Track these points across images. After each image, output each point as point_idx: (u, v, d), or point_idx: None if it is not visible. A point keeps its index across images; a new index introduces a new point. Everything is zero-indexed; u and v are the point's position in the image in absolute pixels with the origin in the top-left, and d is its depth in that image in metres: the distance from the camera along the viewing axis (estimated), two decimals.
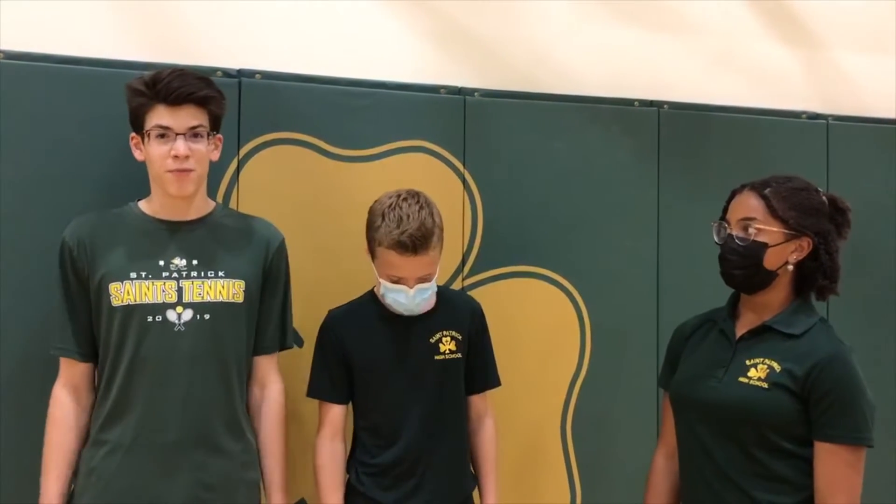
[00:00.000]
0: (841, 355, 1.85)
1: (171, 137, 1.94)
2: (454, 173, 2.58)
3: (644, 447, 2.69)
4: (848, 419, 1.80)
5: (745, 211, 1.92)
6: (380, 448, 2.16)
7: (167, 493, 1.95)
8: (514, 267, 2.65)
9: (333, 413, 2.18)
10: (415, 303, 2.11)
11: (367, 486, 2.16)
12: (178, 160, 1.94)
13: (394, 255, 2.06)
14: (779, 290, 1.93)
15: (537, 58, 2.79)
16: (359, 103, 2.48)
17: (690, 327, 2.09)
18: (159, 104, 1.94)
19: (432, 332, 2.20)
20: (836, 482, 1.80)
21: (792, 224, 1.89)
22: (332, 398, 2.18)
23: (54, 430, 1.99)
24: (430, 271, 2.12)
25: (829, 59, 3.17)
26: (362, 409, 2.20)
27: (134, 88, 1.97)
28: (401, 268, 2.08)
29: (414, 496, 2.15)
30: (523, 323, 2.64)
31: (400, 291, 2.09)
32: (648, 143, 2.80)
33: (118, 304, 1.96)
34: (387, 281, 2.11)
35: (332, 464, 2.16)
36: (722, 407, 1.89)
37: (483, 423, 2.28)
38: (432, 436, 2.16)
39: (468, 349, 2.24)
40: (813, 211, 1.91)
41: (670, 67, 2.94)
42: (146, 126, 1.95)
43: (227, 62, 2.37)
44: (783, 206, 1.89)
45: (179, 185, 1.96)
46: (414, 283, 2.09)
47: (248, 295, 2.05)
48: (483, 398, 2.30)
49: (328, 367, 2.17)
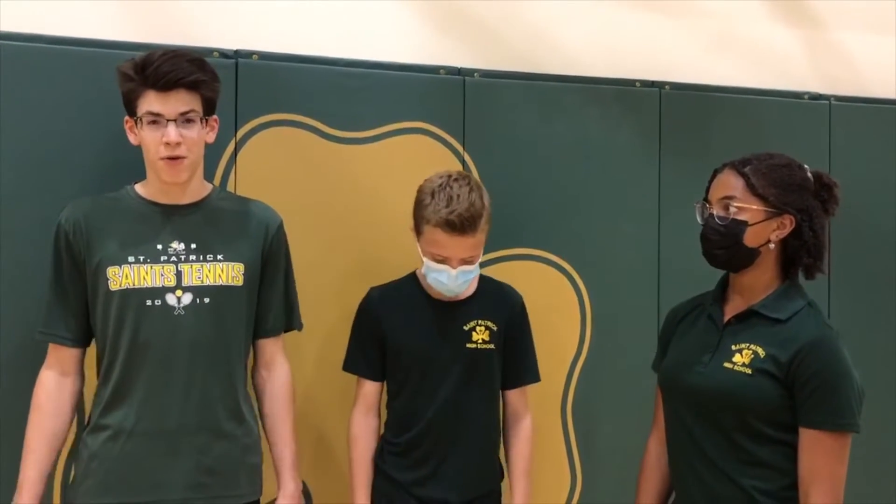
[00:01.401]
0: (826, 340, 1.82)
1: (163, 123, 1.91)
2: (453, 155, 2.56)
3: (645, 430, 2.68)
4: (831, 405, 1.78)
5: (725, 189, 1.90)
6: (403, 428, 2.18)
7: (169, 477, 1.95)
8: (514, 249, 2.64)
9: (367, 389, 2.21)
10: (457, 284, 2.11)
11: (388, 465, 2.18)
12: (169, 147, 1.91)
13: (441, 234, 2.07)
14: (764, 269, 1.91)
15: (538, 38, 2.76)
16: (357, 84, 2.46)
17: (681, 312, 2.08)
18: (149, 89, 1.91)
19: (467, 320, 2.19)
20: (819, 468, 1.78)
21: (772, 201, 1.86)
22: (366, 374, 2.20)
23: (36, 414, 1.98)
24: (475, 253, 2.12)
25: (832, 39, 3.15)
26: (392, 388, 2.21)
27: (124, 73, 1.94)
28: (446, 247, 2.08)
29: (430, 481, 2.15)
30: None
31: (443, 271, 2.09)
32: (649, 124, 2.78)
33: (116, 288, 1.94)
34: (431, 260, 2.10)
35: (364, 438, 2.19)
36: (705, 393, 1.87)
37: (519, 422, 2.27)
38: (454, 424, 2.16)
39: (504, 342, 2.23)
40: (795, 187, 1.88)
41: (672, 48, 2.92)
42: (138, 111, 1.93)
43: (224, 43, 2.35)
44: (763, 183, 1.86)
45: (172, 173, 1.95)
46: (458, 263, 2.09)
47: (248, 278, 2.03)
48: (521, 395, 2.28)
49: (363, 343, 2.20)
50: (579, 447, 2.71)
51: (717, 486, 1.86)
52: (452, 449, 2.16)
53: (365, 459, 2.19)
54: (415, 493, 2.15)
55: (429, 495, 2.15)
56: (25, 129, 2.14)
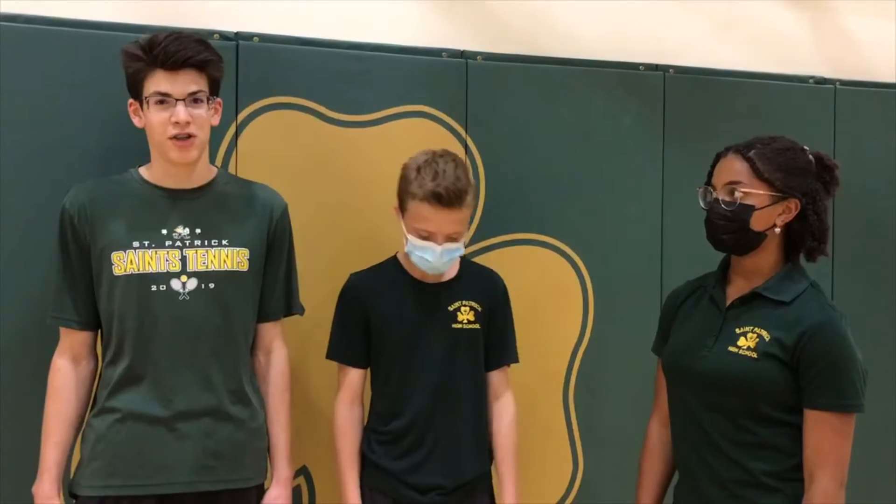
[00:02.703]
0: (831, 322, 1.83)
1: (171, 104, 1.90)
2: (456, 139, 2.54)
3: (646, 414, 2.69)
4: (836, 386, 1.79)
5: (730, 174, 1.89)
6: (391, 415, 2.16)
7: (176, 460, 1.95)
8: (516, 234, 2.63)
9: (352, 376, 2.18)
10: (442, 261, 2.09)
11: (378, 454, 2.16)
12: (178, 126, 1.90)
13: (427, 208, 2.06)
14: (768, 253, 1.90)
15: (541, 21, 2.74)
16: (359, 67, 2.44)
17: (683, 294, 2.07)
18: (157, 69, 1.90)
19: (452, 301, 2.19)
20: (824, 450, 1.79)
21: (778, 185, 1.86)
22: (350, 361, 2.18)
23: (53, 399, 1.98)
24: (460, 229, 2.11)
25: (837, 23, 3.13)
26: (377, 374, 2.20)
27: (130, 53, 1.93)
28: (432, 221, 2.07)
29: (423, 467, 2.14)
30: (526, 291, 2.61)
31: (427, 248, 2.08)
32: (653, 108, 2.76)
33: (120, 273, 1.94)
34: (415, 237, 2.09)
35: (352, 430, 2.17)
36: (711, 377, 1.87)
37: (500, 400, 2.25)
38: (444, 407, 2.15)
39: (488, 323, 2.22)
40: (799, 171, 1.88)
41: (676, 31, 2.90)
42: (145, 92, 1.91)
43: (225, 25, 2.33)
44: (768, 167, 1.86)
45: (182, 153, 1.93)
46: (443, 240, 2.08)
47: (253, 263, 2.03)
48: (501, 375, 2.27)
49: (347, 329, 2.18)
50: (581, 432, 2.71)
51: (721, 468, 1.86)
52: (443, 432, 2.15)
53: (353, 451, 2.16)
54: (408, 480, 2.13)
55: (423, 482, 2.13)
56: (24, 112, 2.13)
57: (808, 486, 1.80)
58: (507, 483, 2.22)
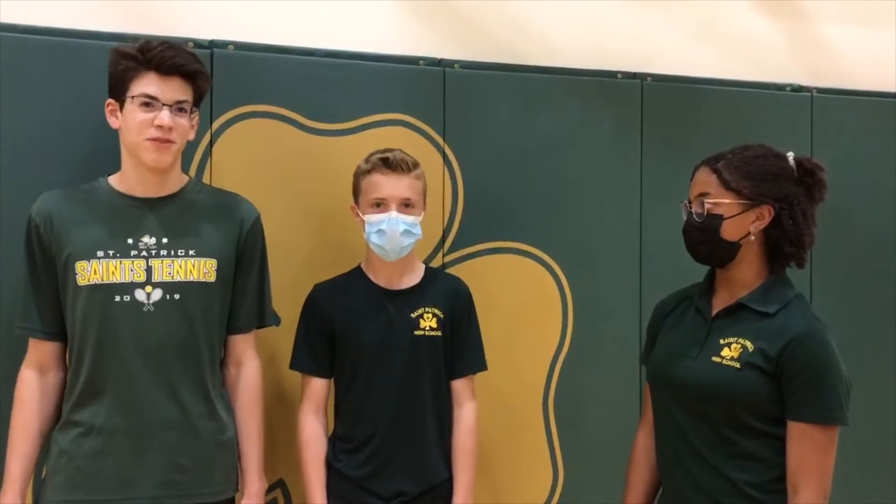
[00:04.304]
0: (815, 333, 1.82)
1: (157, 108, 1.90)
2: (434, 147, 2.53)
3: (627, 424, 2.67)
4: (820, 398, 1.78)
5: (700, 187, 1.91)
6: (355, 423, 2.17)
7: (140, 474, 1.93)
8: (495, 243, 2.62)
9: (315, 387, 2.18)
10: (398, 231, 2.11)
11: (342, 462, 2.16)
12: (161, 130, 1.90)
13: (377, 176, 2.14)
14: (748, 262, 1.90)
15: (519, 29, 2.74)
16: (335, 75, 2.43)
17: (670, 304, 2.07)
18: (149, 72, 1.90)
19: (414, 308, 2.19)
20: (807, 461, 1.79)
21: (746, 193, 1.86)
22: (314, 371, 2.18)
23: (19, 411, 1.96)
24: (413, 197, 2.16)
25: (814, 30, 3.14)
26: (341, 382, 2.20)
27: (123, 52, 1.92)
28: (383, 186, 2.13)
29: (386, 473, 2.14)
30: (505, 299, 2.61)
31: (382, 219, 2.11)
32: (631, 116, 2.76)
33: (84, 283, 1.91)
34: (371, 214, 2.12)
35: (317, 440, 2.17)
36: (694, 386, 1.87)
37: (463, 411, 2.24)
38: (407, 413, 2.16)
39: (451, 330, 2.22)
40: (770, 177, 1.87)
41: (654, 39, 2.90)
42: (130, 92, 1.90)
43: (200, 33, 2.31)
44: (735, 176, 1.87)
45: (158, 155, 1.92)
46: (396, 206, 2.12)
47: (221, 274, 2.00)
48: (465, 383, 2.26)
49: (311, 339, 2.18)
50: (561, 441, 2.70)
51: (704, 478, 1.86)
52: (406, 439, 2.15)
53: (319, 461, 2.16)
54: (370, 487, 2.14)
55: (385, 488, 2.14)
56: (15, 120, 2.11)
57: (792, 497, 1.79)
58: (460, 486, 2.21)
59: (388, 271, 2.21)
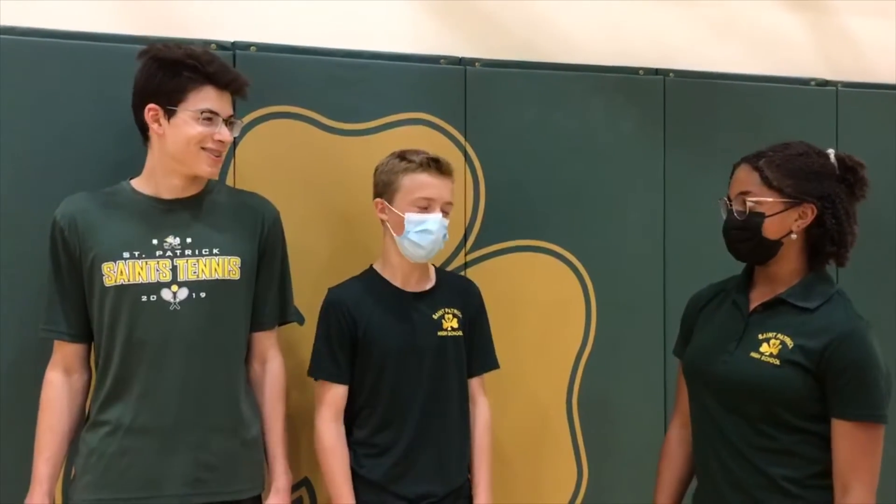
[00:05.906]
0: (858, 332, 1.81)
1: (216, 122, 1.95)
2: (455, 146, 2.53)
3: (651, 422, 2.68)
4: (865, 396, 1.78)
5: (741, 185, 1.90)
6: (382, 427, 2.14)
7: (167, 473, 1.94)
8: (517, 241, 2.61)
9: (336, 393, 2.15)
10: (440, 235, 2.12)
11: (366, 468, 2.14)
12: (222, 145, 1.96)
13: (425, 176, 2.11)
14: (789, 260, 1.89)
15: (539, 26, 2.73)
16: (356, 75, 2.43)
17: (705, 297, 2.06)
18: (209, 86, 1.94)
19: (435, 309, 2.18)
20: (856, 460, 1.78)
21: (788, 192, 1.85)
22: (337, 378, 2.15)
23: (46, 412, 1.98)
24: (452, 201, 2.18)
25: (838, 24, 3.11)
26: (364, 387, 2.16)
27: (174, 60, 1.93)
28: (432, 186, 2.11)
29: (414, 475, 2.13)
30: (527, 298, 2.61)
31: (428, 219, 2.10)
32: (654, 113, 2.74)
33: (111, 283, 1.93)
34: (414, 212, 2.11)
35: (341, 447, 2.14)
36: (732, 382, 1.86)
37: (478, 408, 2.25)
38: (435, 414, 2.14)
39: (469, 330, 2.22)
40: (813, 175, 1.86)
41: (676, 35, 2.88)
42: (190, 105, 1.92)
43: (222, 34, 2.32)
44: (777, 174, 1.85)
45: (214, 168, 1.99)
46: (440, 209, 2.12)
47: (245, 272, 2.02)
48: (479, 381, 2.27)
49: (332, 345, 2.14)
50: (585, 440, 2.69)
51: (741, 473, 1.85)
52: (433, 440, 2.14)
53: (345, 468, 2.12)
54: (398, 491, 2.11)
55: (413, 490, 2.12)
56: (19, 125, 2.12)
57: (842, 496, 1.78)
58: (481, 486, 2.20)
59: (410, 273, 2.20)
